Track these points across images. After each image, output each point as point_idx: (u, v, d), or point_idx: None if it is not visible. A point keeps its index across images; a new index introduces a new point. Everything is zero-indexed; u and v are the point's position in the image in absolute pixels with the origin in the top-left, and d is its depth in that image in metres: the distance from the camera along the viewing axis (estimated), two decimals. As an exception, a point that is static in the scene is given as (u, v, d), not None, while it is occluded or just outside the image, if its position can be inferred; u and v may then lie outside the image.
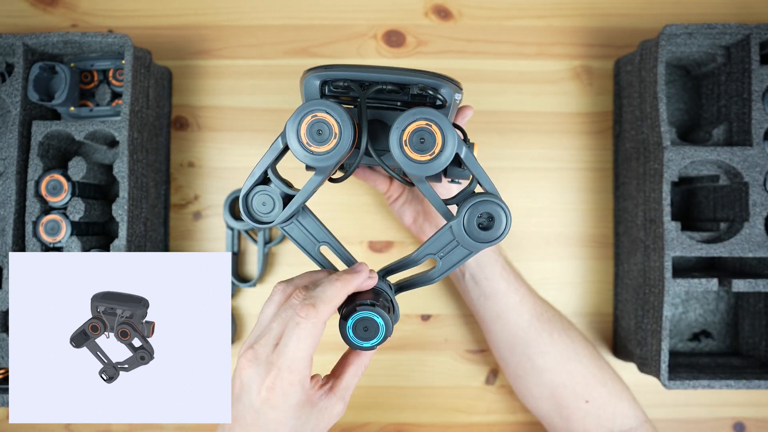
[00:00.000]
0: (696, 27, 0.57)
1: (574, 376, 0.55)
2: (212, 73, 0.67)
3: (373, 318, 0.41)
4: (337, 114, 0.40)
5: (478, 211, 0.42)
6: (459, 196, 0.45)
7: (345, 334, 0.41)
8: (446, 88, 0.42)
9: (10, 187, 0.57)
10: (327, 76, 0.42)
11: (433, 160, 0.40)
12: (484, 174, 0.43)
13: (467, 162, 0.42)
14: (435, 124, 0.40)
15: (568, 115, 0.67)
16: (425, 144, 0.40)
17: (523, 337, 0.56)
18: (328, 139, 0.40)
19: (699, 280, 0.56)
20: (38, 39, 0.58)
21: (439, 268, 0.45)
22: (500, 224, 0.42)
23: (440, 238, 0.44)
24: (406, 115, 0.40)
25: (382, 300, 0.43)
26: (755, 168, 0.56)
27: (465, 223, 0.43)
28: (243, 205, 0.44)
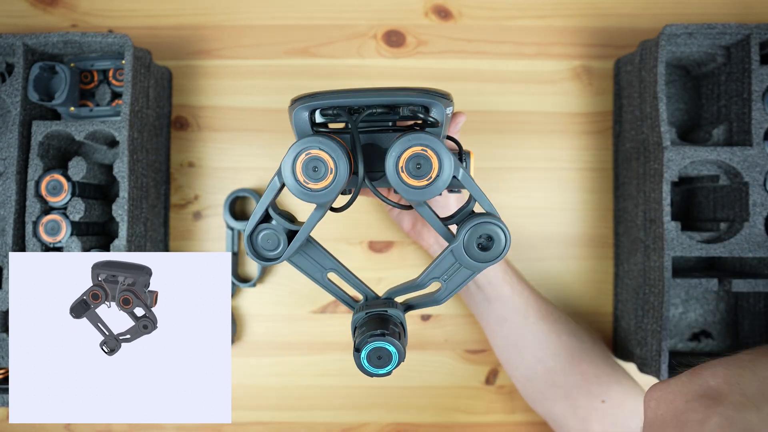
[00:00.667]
0: (696, 27, 0.57)
1: (587, 376, 0.54)
2: (212, 73, 0.67)
3: (385, 347, 0.41)
4: (330, 150, 0.39)
5: (477, 233, 0.42)
6: (458, 215, 0.45)
7: (360, 365, 0.42)
8: (437, 106, 0.42)
9: (10, 187, 0.57)
10: (314, 105, 0.42)
11: (431, 185, 0.40)
12: (482, 194, 0.43)
13: (464, 182, 0.42)
14: (430, 149, 0.40)
15: (568, 115, 0.67)
16: (422, 170, 0.40)
17: (532, 340, 0.56)
18: (325, 176, 0.40)
19: (699, 280, 0.56)
20: (38, 39, 0.58)
21: (445, 290, 0.45)
22: (499, 244, 0.42)
23: (442, 262, 0.44)
24: (401, 142, 0.40)
25: (392, 327, 0.43)
26: (755, 168, 0.56)
27: (465, 246, 0.43)
28: (248, 244, 0.44)
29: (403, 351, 0.42)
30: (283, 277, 0.67)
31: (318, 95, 0.42)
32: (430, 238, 0.60)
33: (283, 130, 0.67)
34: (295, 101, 0.43)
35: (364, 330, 0.43)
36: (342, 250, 0.66)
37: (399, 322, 0.45)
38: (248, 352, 0.66)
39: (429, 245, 0.61)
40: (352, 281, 0.47)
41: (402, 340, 0.43)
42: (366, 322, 0.44)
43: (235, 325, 0.66)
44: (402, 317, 0.45)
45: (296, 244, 0.43)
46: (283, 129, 0.67)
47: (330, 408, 0.66)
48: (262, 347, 0.66)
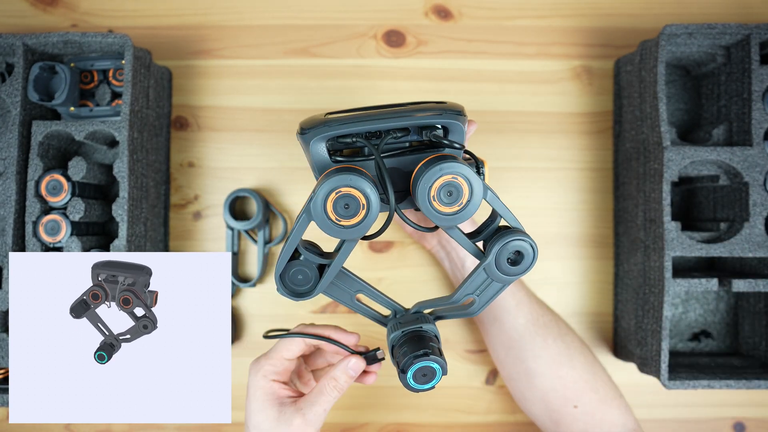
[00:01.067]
0: (696, 27, 0.57)
1: (564, 381, 0.55)
2: (212, 73, 0.67)
3: (429, 365, 0.43)
4: (362, 186, 0.39)
5: (508, 249, 0.43)
6: (484, 233, 0.45)
7: (407, 385, 0.43)
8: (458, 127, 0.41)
9: (10, 187, 0.57)
10: (331, 135, 0.41)
11: (462, 210, 0.40)
12: (508, 210, 0.43)
13: (492, 203, 0.42)
14: (461, 177, 0.39)
15: (568, 115, 0.67)
16: (453, 197, 0.40)
17: (518, 341, 0.57)
18: (357, 212, 0.39)
19: (699, 280, 0.56)
20: (38, 39, 0.58)
21: (478, 304, 0.46)
22: (528, 258, 0.43)
23: (476, 279, 0.45)
24: (432, 172, 0.39)
25: (431, 344, 0.44)
26: (755, 168, 0.56)
27: (497, 262, 0.43)
28: (280, 283, 0.43)
29: (446, 366, 0.43)
30: (283, 277, 0.66)
31: (331, 122, 0.41)
32: (433, 239, 0.61)
33: (283, 130, 0.67)
34: (307, 129, 0.41)
35: (405, 351, 0.43)
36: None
37: (435, 335, 0.46)
38: (248, 352, 0.66)
39: (432, 245, 0.62)
40: (379, 299, 0.48)
41: (441, 355, 0.44)
42: (406, 341, 0.44)
43: (235, 325, 0.66)
44: (436, 330, 0.46)
45: (330, 278, 0.43)
46: (283, 129, 0.67)
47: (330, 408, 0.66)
48: (262, 347, 0.66)
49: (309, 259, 0.43)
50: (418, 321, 0.46)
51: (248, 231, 0.66)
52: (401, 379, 0.43)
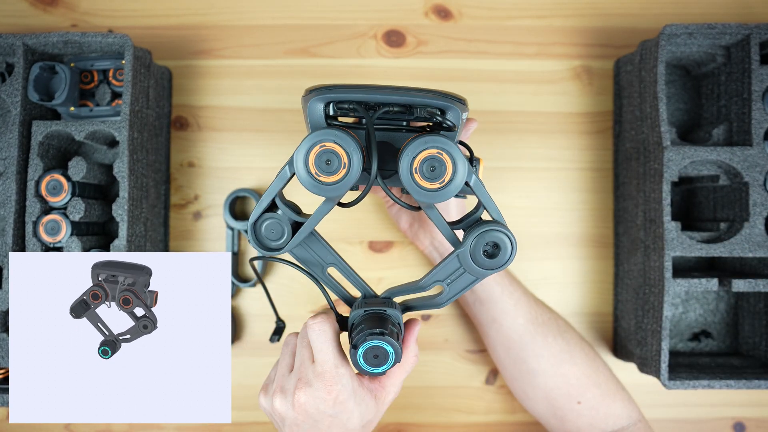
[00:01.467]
0: (696, 27, 0.57)
1: (567, 378, 0.55)
2: (212, 73, 0.67)
3: (382, 346, 0.42)
4: (345, 144, 0.39)
5: (485, 240, 0.42)
6: (465, 221, 0.45)
7: (356, 362, 0.43)
8: (454, 110, 0.42)
9: (10, 187, 0.57)
10: (331, 98, 0.41)
11: (443, 188, 0.40)
12: (492, 201, 0.43)
13: (476, 190, 0.42)
14: (446, 153, 0.39)
15: (568, 115, 0.67)
16: (435, 172, 0.40)
17: (518, 341, 0.57)
18: (338, 169, 0.40)
19: (699, 280, 0.56)
20: (38, 39, 0.58)
21: (447, 293, 0.45)
22: (506, 252, 0.42)
23: (447, 265, 0.44)
24: (417, 143, 0.39)
25: (390, 327, 0.43)
26: (755, 168, 0.56)
27: (471, 252, 0.43)
28: (251, 232, 0.43)
29: (400, 351, 0.42)
30: (283, 277, 0.67)
31: (335, 88, 0.42)
32: (426, 239, 0.61)
33: (283, 130, 0.67)
34: (311, 91, 0.42)
35: (362, 328, 0.43)
36: (342, 250, 0.66)
37: (397, 322, 0.45)
38: (248, 352, 0.66)
39: (425, 246, 0.61)
40: (352, 278, 0.47)
41: (399, 340, 0.43)
42: (365, 320, 0.44)
43: (235, 325, 0.66)
44: (400, 318, 0.45)
45: (302, 235, 0.43)
46: (283, 129, 0.67)
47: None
48: (262, 347, 0.66)
49: (285, 213, 0.43)
50: (385, 305, 0.45)
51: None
52: (351, 356, 0.43)
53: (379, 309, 0.45)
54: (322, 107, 0.42)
